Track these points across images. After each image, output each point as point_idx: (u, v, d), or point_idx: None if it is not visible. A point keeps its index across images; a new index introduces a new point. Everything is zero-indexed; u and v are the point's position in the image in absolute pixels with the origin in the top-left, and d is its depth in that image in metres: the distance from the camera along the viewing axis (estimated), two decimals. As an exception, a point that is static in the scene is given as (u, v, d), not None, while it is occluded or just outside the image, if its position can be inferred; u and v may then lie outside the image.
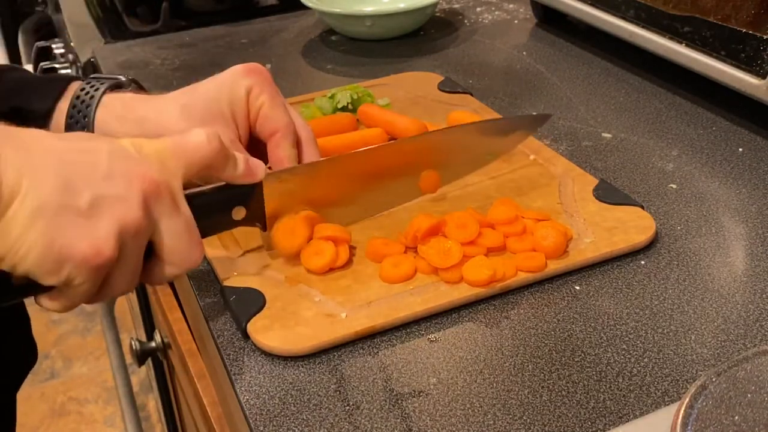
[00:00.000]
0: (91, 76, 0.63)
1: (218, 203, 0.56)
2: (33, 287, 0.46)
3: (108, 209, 0.45)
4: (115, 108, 0.61)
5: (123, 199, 0.46)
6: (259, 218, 0.59)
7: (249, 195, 0.57)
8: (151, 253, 0.50)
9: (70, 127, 0.61)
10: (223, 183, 0.55)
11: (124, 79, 0.64)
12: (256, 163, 0.57)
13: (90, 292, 0.47)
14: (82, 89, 0.61)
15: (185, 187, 0.51)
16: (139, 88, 0.66)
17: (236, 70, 0.62)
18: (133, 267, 0.48)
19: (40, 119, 0.62)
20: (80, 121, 0.61)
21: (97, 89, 0.61)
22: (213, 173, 0.54)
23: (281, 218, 0.60)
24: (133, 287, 0.50)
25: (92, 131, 0.61)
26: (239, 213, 0.57)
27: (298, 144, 0.63)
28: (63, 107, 0.61)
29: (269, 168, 0.60)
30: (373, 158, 0.63)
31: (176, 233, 0.49)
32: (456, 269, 0.58)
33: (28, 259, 0.43)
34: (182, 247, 0.50)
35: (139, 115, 0.61)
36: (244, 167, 0.55)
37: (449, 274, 0.58)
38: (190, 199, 0.51)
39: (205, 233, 0.53)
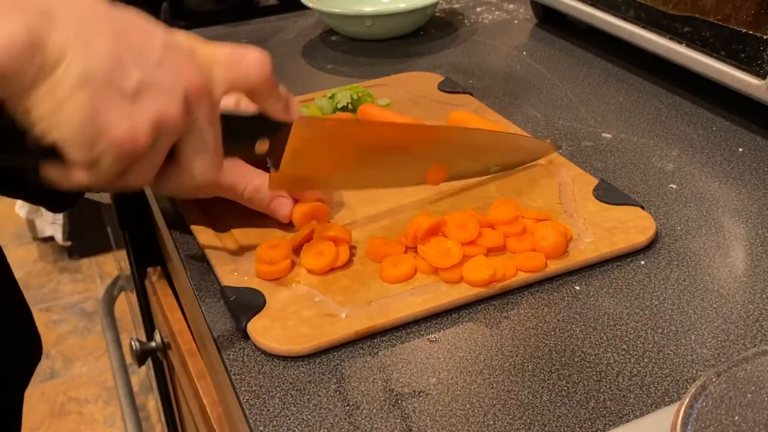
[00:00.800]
0: None
1: (247, 130, 0.56)
2: (46, 153, 0.44)
3: (153, 97, 0.44)
4: None
5: (169, 91, 0.45)
6: (276, 156, 0.58)
7: (276, 131, 0.57)
8: (171, 156, 0.49)
9: None
10: (256, 113, 0.55)
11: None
12: (295, 102, 0.57)
13: (109, 176, 0.45)
14: None
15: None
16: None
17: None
18: (157, 162, 0.47)
19: None
20: None
21: None
22: (254, 97, 0.53)
23: (309, 243, 0.60)
24: (147, 183, 0.49)
25: None
26: (262, 146, 0.57)
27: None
28: None
29: None
30: (398, 133, 0.64)
31: (203, 142, 0.48)
32: (456, 269, 0.58)
33: (64, 127, 0.42)
34: (204, 158, 0.49)
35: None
36: (285, 102, 0.55)
37: (449, 274, 0.58)
38: (223, 119, 0.51)
39: (226, 153, 0.52)
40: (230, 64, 0.50)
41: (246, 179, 0.62)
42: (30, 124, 0.42)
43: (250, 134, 0.56)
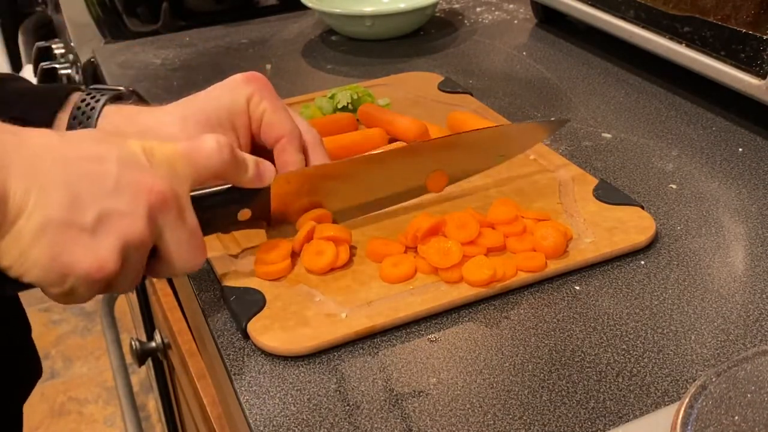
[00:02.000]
0: (92, 87, 0.63)
1: (224, 204, 0.56)
2: (27, 285, 0.47)
3: (113, 224, 0.46)
4: (115, 119, 0.61)
5: (129, 213, 0.46)
6: (264, 217, 0.59)
7: (256, 197, 0.57)
8: (155, 252, 0.50)
9: None
10: (229, 185, 0.55)
11: (124, 90, 0.65)
12: (266, 167, 0.57)
13: (90, 297, 0.48)
14: (83, 100, 0.61)
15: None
16: (139, 99, 0.66)
17: (235, 79, 0.63)
18: (135, 274, 0.49)
19: None
20: None
21: (97, 100, 0.61)
22: (223, 179, 0.54)
23: (309, 242, 0.60)
24: (135, 288, 0.51)
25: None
26: (244, 215, 0.58)
27: (304, 149, 0.63)
28: (63, 118, 0.61)
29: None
30: (382, 161, 0.64)
31: (180, 241, 0.50)
32: (456, 269, 0.58)
33: (33, 272, 0.44)
34: (185, 254, 0.51)
35: (140, 127, 0.61)
36: (254, 172, 0.56)
37: (449, 274, 0.58)
38: (196, 200, 0.51)
39: (207, 232, 0.54)
40: (189, 158, 0.51)
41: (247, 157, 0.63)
42: (2, 268, 0.45)
43: (228, 207, 0.57)
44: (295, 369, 0.52)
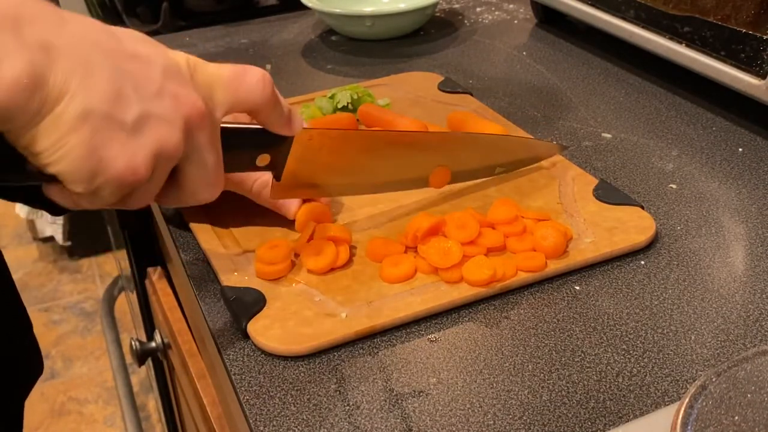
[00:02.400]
0: None
1: (248, 145, 0.55)
2: (47, 178, 0.44)
3: (152, 129, 0.44)
4: None
5: (168, 121, 0.44)
6: (278, 168, 0.58)
7: (278, 144, 0.56)
8: (171, 175, 0.48)
9: None
10: (257, 126, 0.54)
11: None
12: (297, 116, 0.56)
13: (109, 202, 0.46)
14: None
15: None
16: None
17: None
18: (156, 187, 0.47)
19: None
20: None
21: None
22: (255, 116, 0.53)
23: (309, 242, 0.60)
24: (147, 204, 0.48)
25: None
26: (263, 159, 0.56)
27: None
28: None
29: None
30: (400, 139, 0.64)
31: (203, 166, 0.48)
32: (456, 269, 0.58)
33: (63, 163, 0.42)
34: (204, 181, 0.49)
35: None
36: (288, 117, 0.54)
37: (449, 274, 0.58)
38: (223, 133, 0.50)
39: (225, 169, 0.52)
40: (231, 86, 0.50)
41: (255, 174, 0.62)
42: (30, 156, 0.42)
43: (250, 148, 0.56)
44: (295, 369, 0.52)
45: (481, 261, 0.58)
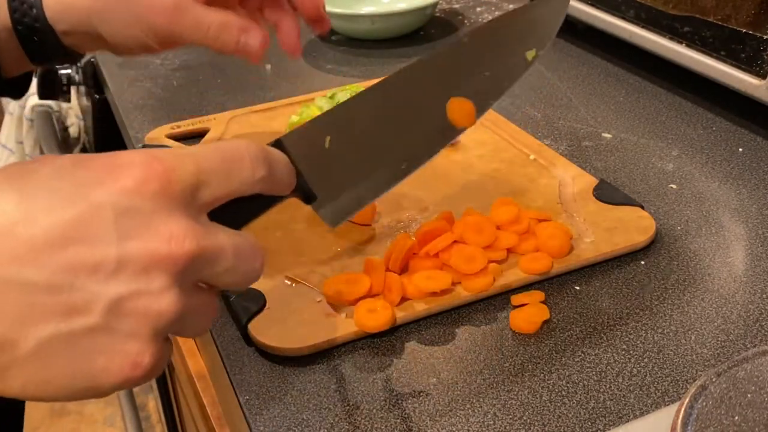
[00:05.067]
0: None
1: (264, 204, 0.45)
2: None
3: (131, 310, 0.34)
4: None
5: (145, 292, 0.34)
6: (304, 190, 0.47)
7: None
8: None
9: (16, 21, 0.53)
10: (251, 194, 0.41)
11: None
12: (289, 172, 0.44)
13: (159, 368, 0.36)
14: None
15: None
16: None
17: None
18: (208, 309, 0.38)
19: None
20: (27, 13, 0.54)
21: None
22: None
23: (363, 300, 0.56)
24: (214, 317, 0.39)
25: (42, 13, 0.53)
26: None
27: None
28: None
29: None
30: (386, 93, 0.51)
31: (226, 270, 0.37)
32: (482, 275, 0.57)
33: (54, 397, 0.35)
34: (240, 272, 0.38)
35: None
36: (288, 177, 0.44)
37: (474, 283, 0.56)
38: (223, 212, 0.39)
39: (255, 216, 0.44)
40: (219, 181, 0.38)
41: (209, 17, 0.54)
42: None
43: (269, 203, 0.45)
44: (295, 369, 0.52)
45: (494, 268, 0.58)
